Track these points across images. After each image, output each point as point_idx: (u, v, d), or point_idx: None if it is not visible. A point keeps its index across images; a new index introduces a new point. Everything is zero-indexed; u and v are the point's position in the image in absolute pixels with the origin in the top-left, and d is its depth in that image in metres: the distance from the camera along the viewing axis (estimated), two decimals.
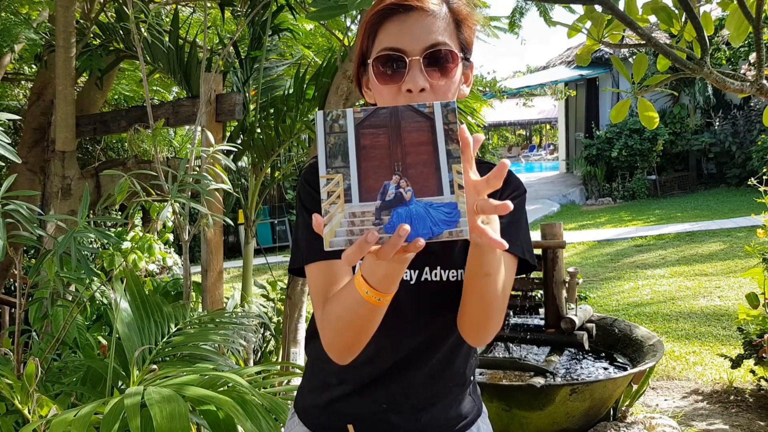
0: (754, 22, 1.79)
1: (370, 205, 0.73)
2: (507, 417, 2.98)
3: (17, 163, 1.93)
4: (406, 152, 0.75)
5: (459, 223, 0.73)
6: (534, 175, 20.96)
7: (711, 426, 3.42)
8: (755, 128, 12.75)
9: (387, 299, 0.87)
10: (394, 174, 0.74)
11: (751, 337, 3.56)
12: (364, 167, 0.74)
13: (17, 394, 1.68)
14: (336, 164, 0.74)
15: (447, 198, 0.73)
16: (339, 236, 0.73)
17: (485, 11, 3.51)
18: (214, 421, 1.74)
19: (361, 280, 0.86)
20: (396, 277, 0.84)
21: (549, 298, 3.56)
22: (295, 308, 3.18)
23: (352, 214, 0.73)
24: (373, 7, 1.01)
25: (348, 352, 1.00)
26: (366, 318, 0.92)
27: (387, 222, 0.73)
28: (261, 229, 12.68)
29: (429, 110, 0.76)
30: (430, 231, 0.73)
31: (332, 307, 0.98)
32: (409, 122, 0.76)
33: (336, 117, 0.75)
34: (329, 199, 0.73)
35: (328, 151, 0.75)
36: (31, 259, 5.27)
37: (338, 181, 0.74)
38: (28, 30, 3.27)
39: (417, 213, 0.73)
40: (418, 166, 0.74)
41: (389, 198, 0.74)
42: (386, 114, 0.76)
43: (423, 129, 0.75)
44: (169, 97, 5.60)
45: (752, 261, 3.81)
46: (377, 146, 0.75)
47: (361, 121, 0.75)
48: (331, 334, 0.99)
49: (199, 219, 2.60)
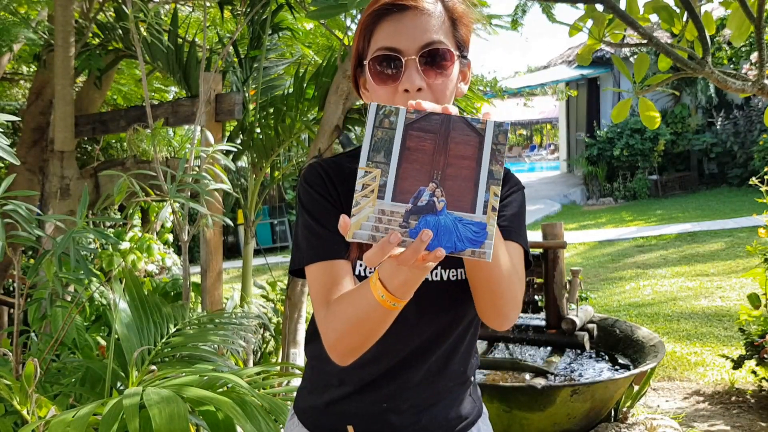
0: (756, 22, 1.78)
1: (401, 207, 0.73)
2: (508, 418, 2.97)
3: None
4: (449, 163, 0.75)
5: (484, 244, 0.73)
6: (535, 175, 20.96)
7: (712, 427, 3.41)
8: (756, 128, 12.74)
9: (401, 305, 0.87)
10: (432, 181, 0.74)
11: (753, 337, 3.55)
12: (404, 168, 0.74)
13: (16, 395, 1.67)
14: (377, 159, 0.74)
15: (478, 217, 0.73)
16: (364, 230, 0.73)
17: (485, 10, 3.49)
18: (213, 422, 1.73)
19: (378, 284, 0.85)
20: (415, 284, 0.84)
21: (550, 298, 3.55)
22: (295, 309, 3.17)
23: (381, 211, 0.73)
24: (369, 8, 1.01)
25: (352, 354, 0.99)
26: (377, 321, 0.91)
27: (413, 227, 0.73)
28: (260, 229, 12.67)
29: (481, 126, 0.75)
30: (453, 245, 0.73)
31: (341, 308, 0.97)
32: (459, 134, 0.75)
33: (388, 113, 0.75)
34: (363, 191, 0.73)
35: (373, 144, 0.74)
36: (29, 260, 5.27)
37: (376, 176, 0.74)
38: (27, 29, 3.26)
39: (445, 225, 0.73)
40: (458, 179, 0.74)
41: (421, 204, 0.74)
42: (438, 120, 0.75)
43: (471, 143, 0.75)
44: (168, 97, 5.59)
45: (754, 261, 3.80)
46: (422, 150, 0.75)
47: (412, 122, 0.75)
48: (336, 336, 0.98)
49: (199, 219, 2.59)
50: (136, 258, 4.31)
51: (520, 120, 26.96)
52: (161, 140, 5.68)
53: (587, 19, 2.08)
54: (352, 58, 1.08)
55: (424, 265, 0.77)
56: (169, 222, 5.32)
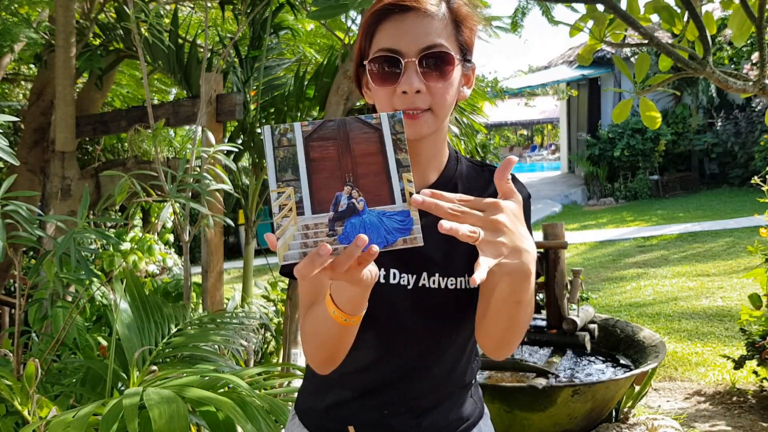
0: (757, 22, 1.78)
1: (324, 217, 0.74)
2: (508, 418, 2.97)
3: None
4: (357, 163, 0.76)
5: (412, 230, 0.74)
6: (536, 175, 20.94)
7: (713, 427, 3.41)
8: (757, 128, 12.73)
9: (354, 320, 0.88)
10: (346, 185, 0.75)
11: (754, 337, 3.55)
12: (315, 179, 0.75)
13: (17, 396, 1.67)
14: (286, 177, 0.75)
15: (399, 206, 0.74)
16: (293, 249, 0.73)
17: (486, 11, 3.49)
18: (214, 422, 1.73)
19: (329, 300, 0.87)
20: (360, 300, 0.85)
21: (551, 298, 3.55)
22: (296, 309, 3.17)
23: (305, 226, 0.74)
24: (372, 8, 1.01)
25: (327, 365, 1.02)
26: (338, 336, 0.93)
27: (341, 233, 0.74)
28: (261, 229, 12.66)
29: (376, 121, 0.77)
30: (384, 239, 0.74)
31: (308, 322, 1.00)
32: (358, 133, 0.77)
33: (284, 131, 0.76)
34: (281, 212, 0.74)
35: (278, 164, 0.75)
36: (30, 260, 5.27)
37: (290, 194, 0.74)
38: (28, 29, 3.27)
39: (371, 222, 0.74)
40: (369, 176, 0.75)
41: (342, 209, 0.74)
42: (334, 126, 0.77)
43: (371, 140, 0.77)
44: (169, 98, 5.59)
45: (755, 261, 3.80)
46: (327, 158, 0.76)
47: (309, 134, 0.76)
48: (309, 349, 1.01)
49: (200, 219, 2.59)
50: (137, 258, 4.32)
51: (521, 120, 26.94)
52: (162, 141, 5.67)
53: (588, 19, 2.08)
54: (355, 57, 1.07)
55: (360, 278, 0.77)
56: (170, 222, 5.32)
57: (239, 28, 3.21)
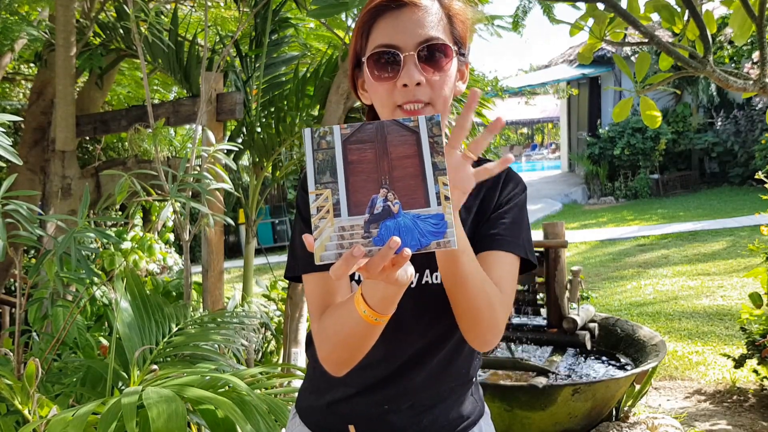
0: (758, 21, 1.77)
1: (359, 219, 0.75)
2: (509, 417, 2.97)
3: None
4: (393, 166, 0.77)
5: (446, 233, 0.75)
6: (536, 174, 20.94)
7: (714, 426, 3.41)
8: (757, 127, 12.72)
9: (384, 319, 0.88)
10: (382, 187, 0.76)
11: (754, 336, 3.55)
12: (352, 182, 0.76)
13: (17, 395, 1.68)
14: (324, 180, 0.76)
15: (434, 210, 0.75)
16: (329, 250, 0.74)
17: (488, 10, 3.49)
18: (213, 421, 1.73)
19: (360, 299, 0.87)
20: (394, 299, 0.85)
21: (551, 297, 3.55)
22: (296, 309, 3.17)
23: (341, 228, 0.75)
24: (366, 6, 1.01)
25: (344, 365, 1.01)
26: (363, 336, 0.93)
27: (376, 235, 0.75)
28: (262, 228, 12.67)
29: (414, 124, 0.78)
30: (418, 242, 0.74)
31: (330, 322, 0.99)
32: (395, 136, 0.77)
33: (323, 134, 0.77)
34: (319, 214, 0.75)
35: (317, 167, 0.76)
36: (31, 259, 5.27)
37: (327, 197, 0.75)
38: (29, 27, 3.26)
39: (405, 225, 0.75)
40: (405, 178, 0.76)
41: (377, 211, 0.75)
42: (372, 129, 0.78)
43: (409, 142, 0.77)
44: (170, 97, 5.59)
45: (755, 260, 3.80)
46: (364, 161, 0.77)
47: (348, 137, 0.77)
48: (327, 349, 1.00)
49: (200, 219, 2.59)
50: (138, 257, 4.32)
51: (521, 119, 26.92)
52: (162, 140, 5.66)
53: (588, 18, 2.08)
54: (350, 58, 1.08)
55: (396, 278, 0.78)
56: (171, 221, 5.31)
57: (240, 26, 3.21)
